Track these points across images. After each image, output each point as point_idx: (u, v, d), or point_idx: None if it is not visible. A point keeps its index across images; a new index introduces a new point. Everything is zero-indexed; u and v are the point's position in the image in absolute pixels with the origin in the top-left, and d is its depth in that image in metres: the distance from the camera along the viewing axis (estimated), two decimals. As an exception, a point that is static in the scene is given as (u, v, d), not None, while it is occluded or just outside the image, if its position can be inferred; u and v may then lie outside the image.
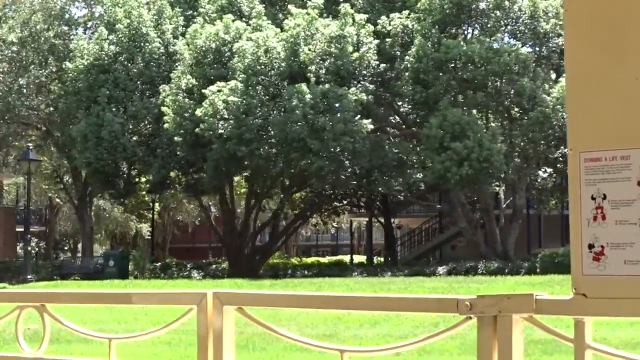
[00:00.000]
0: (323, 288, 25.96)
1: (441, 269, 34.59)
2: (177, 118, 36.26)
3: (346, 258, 58.30)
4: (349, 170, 34.52)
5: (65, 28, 42.28)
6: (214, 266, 43.46)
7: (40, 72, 40.22)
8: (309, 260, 55.40)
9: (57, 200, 53.43)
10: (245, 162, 35.61)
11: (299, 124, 33.35)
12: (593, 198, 2.62)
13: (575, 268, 2.65)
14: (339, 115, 33.29)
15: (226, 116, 34.57)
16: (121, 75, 38.41)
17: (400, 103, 35.95)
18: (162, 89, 37.67)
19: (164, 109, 36.52)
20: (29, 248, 34.41)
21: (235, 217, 43.54)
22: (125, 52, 38.75)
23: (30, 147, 35.27)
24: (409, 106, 36.01)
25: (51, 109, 40.77)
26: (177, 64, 38.35)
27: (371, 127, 33.80)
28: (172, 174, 38.81)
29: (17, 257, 44.41)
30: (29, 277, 34.21)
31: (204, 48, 36.98)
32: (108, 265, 38.45)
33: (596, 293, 2.61)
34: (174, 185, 39.43)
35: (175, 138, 36.78)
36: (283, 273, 40.03)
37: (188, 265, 42.83)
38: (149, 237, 55.42)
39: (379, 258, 55.74)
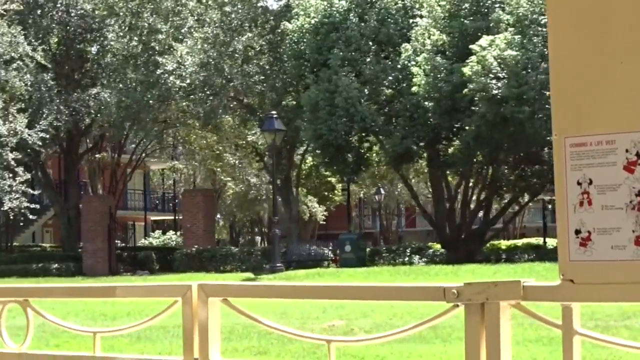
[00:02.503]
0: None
1: None
2: (429, 80, 31.51)
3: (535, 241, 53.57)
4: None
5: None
6: (430, 251, 39.20)
7: (251, 35, 35.51)
8: (501, 244, 50.53)
9: (230, 183, 48.83)
10: (512, 128, 30.64)
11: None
12: (579, 183, 2.51)
13: (562, 254, 2.54)
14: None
15: (500, 75, 29.76)
16: (353, 34, 33.69)
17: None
18: (404, 48, 32.93)
19: (414, 69, 31.75)
20: (278, 234, 29.61)
21: (450, 197, 38.90)
22: (357, 8, 34.05)
23: (275, 115, 30.49)
24: None
25: (261, 77, 36.04)
26: (415, 20, 33.59)
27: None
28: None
29: (219, 246, 39.90)
30: (278, 265, 29.59)
31: (459, -2, 32.20)
32: (344, 251, 33.91)
33: (584, 279, 2.52)
34: (416, 159, 34.63)
35: (426, 103, 32.03)
36: (495, 258, 36.22)
37: (407, 251, 38.67)
38: (324, 222, 50.68)
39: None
